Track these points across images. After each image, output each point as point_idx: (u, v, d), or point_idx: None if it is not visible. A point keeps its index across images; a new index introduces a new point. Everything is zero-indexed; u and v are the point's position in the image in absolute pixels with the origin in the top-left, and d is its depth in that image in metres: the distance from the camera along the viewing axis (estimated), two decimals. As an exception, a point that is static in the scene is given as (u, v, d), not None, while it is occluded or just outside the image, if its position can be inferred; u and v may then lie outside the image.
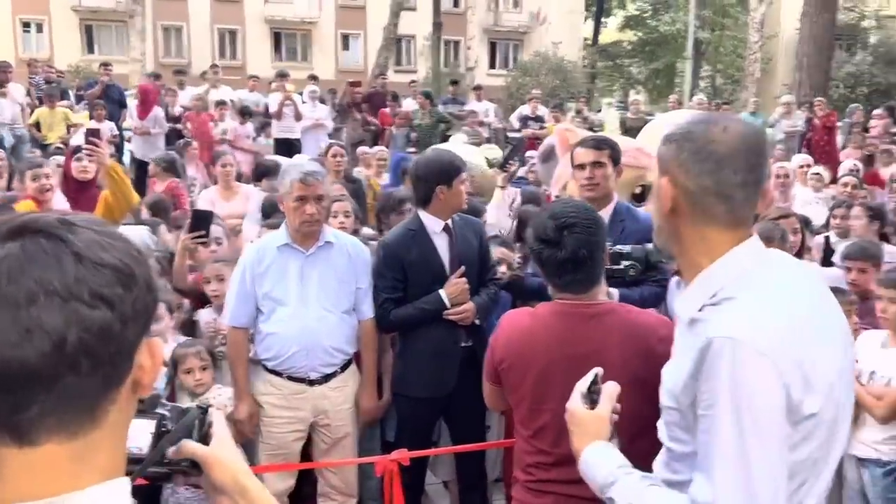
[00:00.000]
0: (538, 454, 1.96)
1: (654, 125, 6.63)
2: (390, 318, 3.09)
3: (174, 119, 9.88)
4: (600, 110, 16.67)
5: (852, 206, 4.87)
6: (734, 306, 1.29)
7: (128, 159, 9.56)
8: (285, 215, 3.05)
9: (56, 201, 4.07)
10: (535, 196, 5.12)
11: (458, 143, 8.02)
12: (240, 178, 6.29)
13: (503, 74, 26.73)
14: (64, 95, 10.98)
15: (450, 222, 3.11)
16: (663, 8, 30.86)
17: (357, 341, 3.14)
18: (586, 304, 1.97)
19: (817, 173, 6.66)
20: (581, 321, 1.95)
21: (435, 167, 3.06)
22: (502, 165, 4.82)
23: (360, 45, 29.53)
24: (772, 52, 25.71)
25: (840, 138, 10.91)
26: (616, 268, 2.55)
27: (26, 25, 26.93)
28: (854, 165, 7.09)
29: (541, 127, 11.41)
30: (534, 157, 6.63)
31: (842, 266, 3.78)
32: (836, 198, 5.89)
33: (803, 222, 4.05)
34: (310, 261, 3.02)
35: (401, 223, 3.32)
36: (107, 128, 8.80)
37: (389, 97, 11.53)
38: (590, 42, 29.70)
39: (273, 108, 10.03)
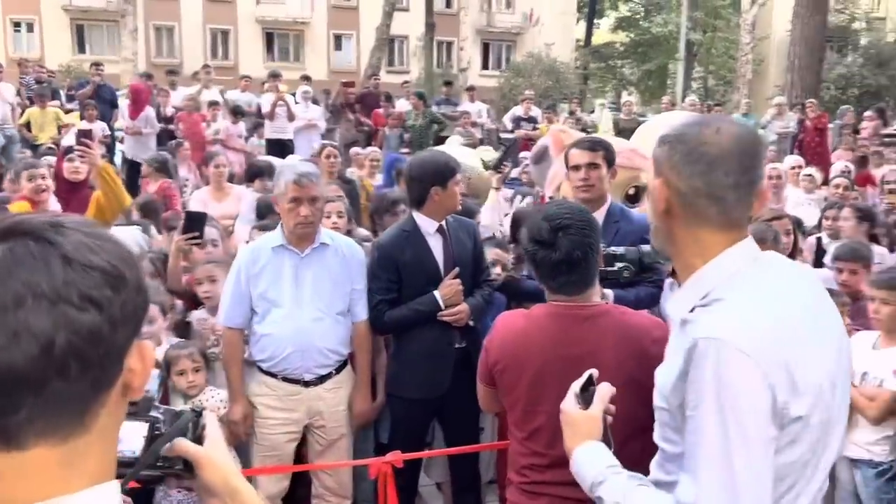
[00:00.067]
0: (532, 456, 1.96)
1: (648, 126, 6.63)
2: (385, 320, 3.09)
3: (166, 119, 9.84)
4: (593, 111, 16.72)
5: (844, 207, 4.89)
6: (722, 307, 1.29)
7: (119, 160, 9.51)
8: (280, 216, 3.05)
9: (49, 202, 4.03)
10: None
11: (454, 144, 8.02)
12: (231, 179, 6.25)
13: (496, 75, 26.75)
14: (55, 95, 10.94)
15: (444, 223, 3.10)
16: (655, 9, 31.01)
17: (351, 343, 3.13)
18: (580, 305, 1.96)
19: (809, 175, 6.68)
20: (575, 323, 1.94)
21: (430, 168, 3.06)
22: (496, 167, 4.82)
23: (353, 45, 29.49)
24: (763, 54, 25.83)
25: (831, 140, 10.96)
26: (610, 269, 2.55)
27: (17, 25, 26.78)
28: (845, 167, 7.13)
29: (534, 128, 11.43)
30: (527, 158, 6.63)
31: (832, 267, 3.80)
32: (827, 199, 5.92)
33: (796, 224, 4.06)
34: (304, 262, 3.01)
35: (395, 224, 3.32)
36: (98, 128, 8.75)
37: (383, 98, 11.52)
38: (582, 43, 29.77)
39: (265, 108, 10.00)
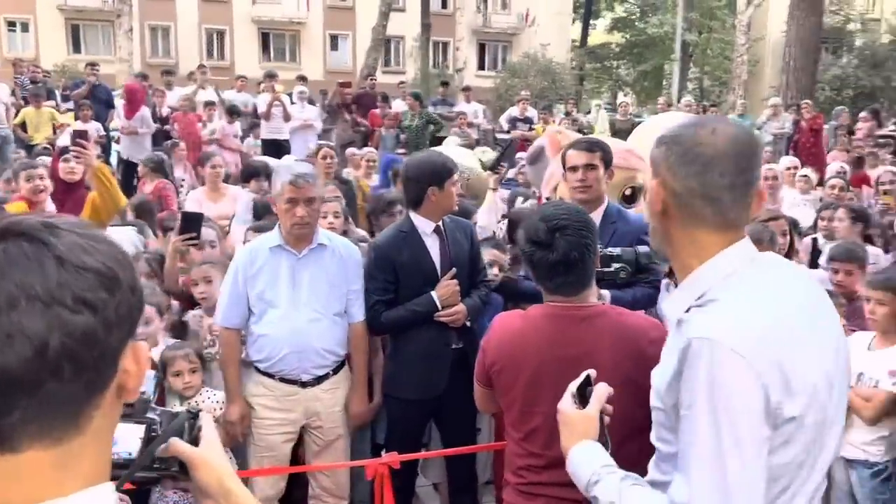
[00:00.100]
0: (529, 457, 1.96)
1: (645, 127, 6.63)
2: (381, 320, 3.08)
3: (162, 120, 9.81)
4: (589, 112, 16.73)
5: (839, 208, 4.90)
6: (716, 308, 1.29)
7: (115, 160, 9.49)
8: (278, 217, 3.04)
9: (46, 203, 4.02)
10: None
11: (451, 145, 8.02)
12: (227, 180, 6.24)
13: (492, 76, 26.75)
14: (50, 95, 10.90)
15: (441, 224, 3.10)
16: (651, 10, 31.06)
17: (348, 343, 3.13)
18: (577, 306, 1.96)
19: (805, 175, 6.70)
20: (572, 323, 1.94)
21: (427, 169, 3.05)
22: (493, 167, 4.82)
23: (349, 45, 29.47)
24: (759, 55, 25.90)
25: (827, 141, 10.99)
26: (607, 270, 2.54)
27: (11, 25, 26.69)
28: (841, 168, 7.14)
29: (530, 128, 11.44)
30: (523, 158, 6.63)
31: (827, 268, 3.80)
32: (823, 200, 5.93)
33: (792, 224, 4.06)
34: (302, 263, 3.01)
35: (392, 225, 3.31)
36: (93, 128, 8.74)
37: (379, 98, 11.51)
38: (578, 44, 29.80)
39: (262, 108, 9.98)
